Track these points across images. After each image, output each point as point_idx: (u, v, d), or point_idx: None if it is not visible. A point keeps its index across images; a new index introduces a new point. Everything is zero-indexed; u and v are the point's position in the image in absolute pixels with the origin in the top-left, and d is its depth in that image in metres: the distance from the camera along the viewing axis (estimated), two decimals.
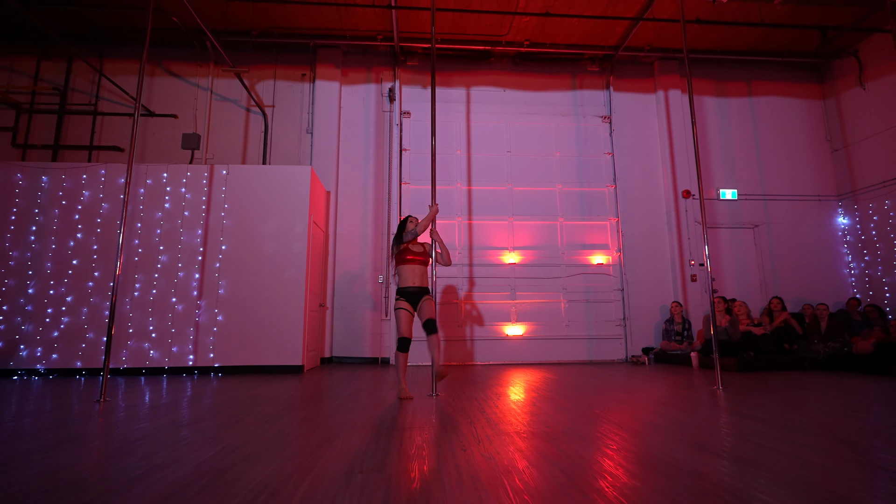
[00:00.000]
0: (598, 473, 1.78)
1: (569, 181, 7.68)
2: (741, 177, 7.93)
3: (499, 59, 7.93)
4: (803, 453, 2.02)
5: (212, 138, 7.30)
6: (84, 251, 5.59)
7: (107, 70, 7.29)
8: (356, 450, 2.13)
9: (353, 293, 7.03)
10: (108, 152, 7.11)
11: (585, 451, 2.10)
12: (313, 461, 1.95)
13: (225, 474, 1.78)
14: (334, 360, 6.84)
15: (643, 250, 7.53)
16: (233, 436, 2.41)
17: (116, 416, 2.94)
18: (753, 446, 2.15)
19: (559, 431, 2.49)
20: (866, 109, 7.61)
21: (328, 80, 7.49)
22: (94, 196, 5.72)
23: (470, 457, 2.02)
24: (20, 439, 2.35)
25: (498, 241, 7.44)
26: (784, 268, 7.68)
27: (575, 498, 1.53)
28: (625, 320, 7.34)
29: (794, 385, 4.28)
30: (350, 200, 7.30)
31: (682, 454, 2.02)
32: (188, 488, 1.63)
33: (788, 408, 3.13)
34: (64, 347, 5.37)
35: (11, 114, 7.02)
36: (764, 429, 2.51)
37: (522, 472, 1.81)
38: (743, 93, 8.21)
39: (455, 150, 7.61)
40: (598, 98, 8.01)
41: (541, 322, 7.27)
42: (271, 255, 5.75)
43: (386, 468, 1.86)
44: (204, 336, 5.52)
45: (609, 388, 4.16)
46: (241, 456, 2.03)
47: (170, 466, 1.88)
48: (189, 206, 5.78)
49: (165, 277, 5.60)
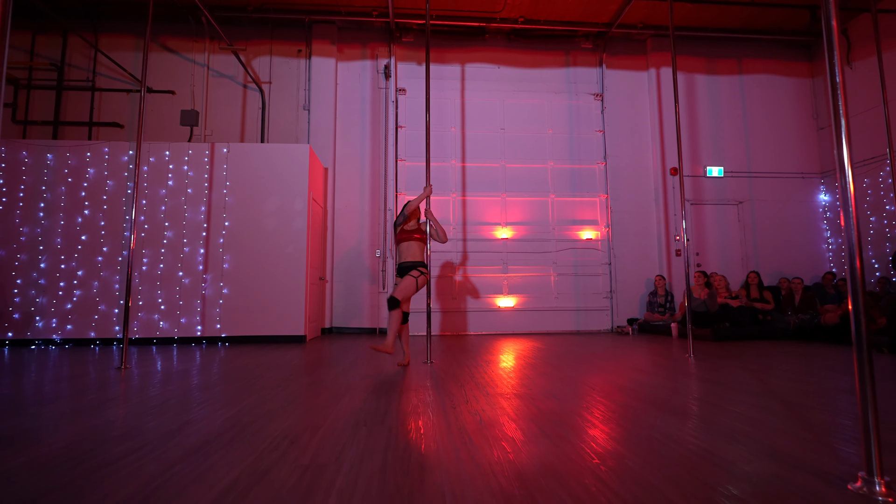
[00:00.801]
0: (566, 425, 2.10)
1: (560, 158, 7.88)
2: (728, 154, 8.15)
3: (493, 36, 7.99)
4: (743, 409, 2.37)
5: (210, 114, 7.41)
6: (92, 227, 5.81)
7: (102, 45, 7.32)
8: (360, 408, 2.45)
9: (352, 267, 7.31)
10: (108, 129, 7.22)
11: (559, 408, 2.43)
12: (323, 417, 2.27)
13: (250, 427, 2.10)
14: (334, 331, 7.19)
15: (631, 226, 7.82)
16: (250, 397, 2.72)
17: (140, 381, 3.25)
18: (703, 404, 2.49)
19: (538, 393, 2.83)
20: (853, 88, 7.77)
21: (324, 57, 7.55)
22: (98, 173, 5.90)
23: (459, 413, 2.35)
24: (64, 399, 2.66)
25: (491, 217, 7.69)
26: (765, 243, 8.01)
27: (542, 443, 1.85)
28: (611, 293, 7.70)
29: (759, 353, 4.66)
30: (347, 177, 7.49)
31: (640, 411, 2.36)
32: (221, 437, 1.94)
33: (746, 373, 3.49)
34: (78, 319, 5.66)
35: (10, 90, 7.08)
36: (718, 390, 2.86)
37: (502, 425, 2.13)
38: (734, 70, 8.33)
39: (450, 127, 7.76)
40: (590, 75, 8.12)
41: (531, 294, 7.62)
42: (273, 230, 5.99)
43: (386, 422, 2.18)
44: (210, 308, 5.81)
45: (591, 357, 4.52)
46: (261, 413, 2.35)
47: (201, 421, 2.19)
48: (192, 183, 5.97)
49: (172, 252, 5.85)
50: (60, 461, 1.66)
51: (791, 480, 1.47)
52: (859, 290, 1.46)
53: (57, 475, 1.53)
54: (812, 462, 1.63)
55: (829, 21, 1.57)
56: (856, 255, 1.47)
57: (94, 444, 1.85)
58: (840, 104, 1.55)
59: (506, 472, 1.55)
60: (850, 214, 1.52)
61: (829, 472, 1.53)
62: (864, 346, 1.43)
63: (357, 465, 1.62)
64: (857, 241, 1.49)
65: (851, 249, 1.48)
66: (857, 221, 1.52)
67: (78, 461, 1.66)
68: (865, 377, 1.40)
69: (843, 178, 1.53)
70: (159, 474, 1.53)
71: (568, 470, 1.57)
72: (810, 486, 1.42)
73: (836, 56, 1.54)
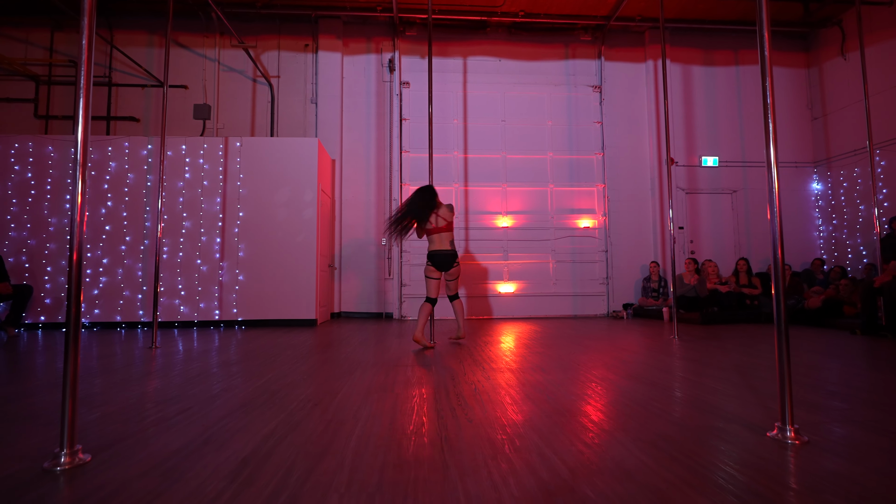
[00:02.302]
0: (549, 393, 2.45)
1: (559, 149, 8.14)
2: (723, 144, 8.37)
3: (494, 30, 8.19)
4: (705, 381, 2.70)
5: (221, 108, 7.70)
6: (115, 218, 6.17)
7: (116, 41, 7.60)
8: (370, 380, 2.80)
9: (359, 254, 7.66)
10: (125, 123, 7.54)
11: (545, 380, 2.77)
12: (339, 386, 2.63)
13: (277, 394, 2.46)
14: (343, 315, 7.57)
15: (627, 214, 8.10)
16: (273, 371, 3.09)
17: (172, 359, 3.62)
18: (672, 377, 2.83)
19: (528, 368, 3.17)
20: (846, 79, 7.95)
21: (330, 51, 7.80)
22: (119, 167, 6.24)
23: (457, 384, 2.70)
24: (110, 372, 3.04)
25: (492, 207, 8.00)
26: (758, 231, 8.28)
27: (526, 405, 2.19)
28: (607, 279, 8.02)
29: (741, 335, 4.98)
30: (354, 168, 7.79)
31: (615, 382, 2.70)
32: (255, 401, 2.30)
33: (720, 351, 3.82)
34: (104, 304, 6.05)
35: (31, 86, 7.39)
36: (688, 365, 3.19)
37: (495, 392, 2.48)
38: (730, 62, 8.51)
39: (452, 120, 8.02)
40: (589, 67, 8.33)
41: (530, 281, 7.95)
42: (284, 220, 6.33)
43: (394, 390, 2.53)
44: (227, 293, 6.19)
45: (583, 338, 4.86)
46: (285, 383, 2.71)
47: (234, 389, 2.56)
48: (207, 175, 6.30)
49: (190, 241, 6.21)
50: (127, 416, 2.03)
51: (723, 429, 1.81)
52: (780, 272, 1.78)
53: (130, 425, 1.89)
54: (746, 418, 1.96)
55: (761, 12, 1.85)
56: (777, 243, 1.78)
57: (151, 405, 2.21)
58: (769, 101, 1.84)
59: (493, 424, 1.90)
60: (774, 208, 1.82)
61: (757, 425, 1.87)
62: (781, 318, 1.75)
63: (370, 420, 1.97)
64: (779, 229, 1.80)
65: (774, 238, 1.79)
66: (780, 213, 1.83)
67: (142, 416, 2.03)
68: (783, 343, 1.73)
69: (769, 175, 1.83)
70: (212, 425, 1.89)
71: (545, 423, 1.91)
72: (737, 433, 1.76)
73: (766, 50, 1.84)
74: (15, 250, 5.99)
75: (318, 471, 1.42)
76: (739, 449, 1.60)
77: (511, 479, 1.36)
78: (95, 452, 1.58)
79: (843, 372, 2.96)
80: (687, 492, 1.27)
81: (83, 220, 1.64)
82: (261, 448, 1.62)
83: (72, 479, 1.37)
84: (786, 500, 1.23)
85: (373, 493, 1.27)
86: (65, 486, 1.33)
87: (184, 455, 1.55)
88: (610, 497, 1.24)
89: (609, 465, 1.46)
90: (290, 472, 1.41)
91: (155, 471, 1.42)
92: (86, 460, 1.49)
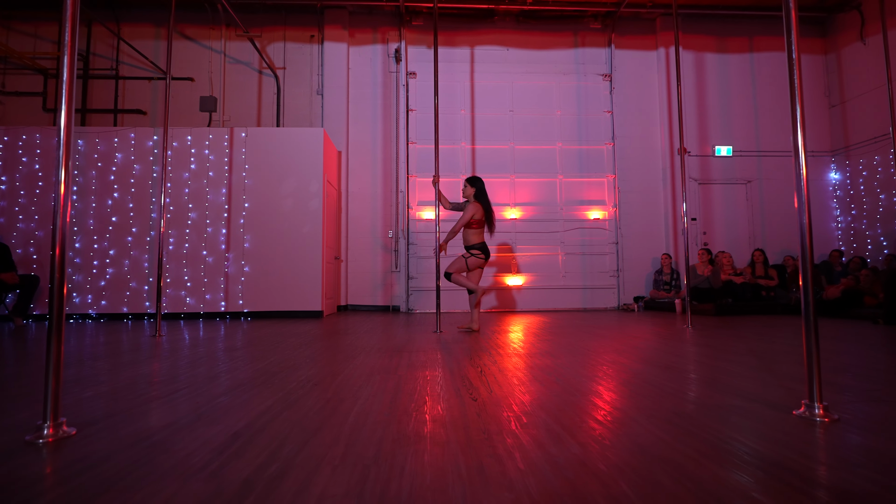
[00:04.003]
0: (558, 375, 2.35)
1: (569, 139, 8.00)
2: (737, 133, 8.17)
3: (502, 18, 8.07)
4: (720, 364, 2.58)
5: (227, 100, 7.68)
6: (121, 209, 6.16)
7: (123, 34, 7.60)
8: (374, 363, 2.73)
9: (366, 247, 7.60)
10: (132, 115, 7.55)
11: (554, 363, 2.67)
12: (341, 369, 2.55)
13: (277, 375, 2.38)
14: (349, 308, 7.51)
15: (638, 205, 7.94)
16: (275, 356, 3.02)
17: (174, 345, 3.58)
18: (686, 361, 2.71)
19: (536, 353, 3.07)
20: (865, 65, 7.71)
21: (336, 42, 7.74)
22: (126, 158, 6.23)
23: (462, 367, 2.61)
24: (112, 356, 2.99)
25: (500, 198, 7.88)
26: (773, 222, 8.07)
27: (534, 386, 2.10)
28: (618, 271, 7.87)
29: (756, 324, 4.83)
30: (360, 160, 7.73)
31: (627, 366, 2.59)
32: (254, 381, 2.23)
33: (736, 339, 3.69)
34: (111, 295, 6.05)
35: (40, 79, 7.42)
36: (703, 351, 3.07)
37: (502, 374, 2.39)
38: (744, 49, 8.30)
39: (459, 110, 7.92)
40: (599, 56, 8.18)
41: (539, 273, 7.83)
42: (290, 211, 6.28)
43: (397, 372, 2.45)
44: (233, 285, 6.16)
45: (593, 328, 4.74)
46: (286, 366, 2.64)
47: (233, 372, 2.49)
48: (213, 166, 6.27)
49: (196, 232, 6.18)
50: (122, 394, 1.97)
51: (744, 408, 1.70)
52: (808, 248, 1.66)
53: (122, 403, 1.83)
54: (768, 398, 1.85)
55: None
56: (806, 228, 1.67)
57: (148, 385, 2.15)
58: (796, 86, 1.73)
59: (500, 403, 1.80)
60: (802, 199, 1.70)
61: (781, 404, 1.75)
62: (809, 291, 1.64)
63: (371, 398, 1.89)
64: (807, 216, 1.69)
65: (802, 223, 1.68)
66: (808, 202, 1.71)
67: (137, 395, 1.96)
68: (810, 319, 1.61)
69: (796, 163, 1.72)
70: (206, 403, 1.82)
71: (554, 402, 1.81)
72: (759, 412, 1.65)
73: (793, 35, 1.72)
74: (23, 241, 6.01)
75: (313, 444, 1.34)
76: (763, 426, 1.49)
77: (517, 452, 1.27)
78: (82, 427, 1.51)
79: (868, 357, 2.82)
80: (705, 464, 1.17)
81: (66, 210, 1.57)
82: (255, 423, 1.54)
83: (54, 450, 1.31)
84: (816, 472, 1.12)
85: (368, 464, 1.19)
86: (47, 457, 1.26)
87: (173, 430, 1.48)
88: (623, 469, 1.15)
89: (622, 440, 1.36)
90: (282, 445, 1.34)
91: (141, 444, 1.35)
92: (70, 433, 1.43)
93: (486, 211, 4.40)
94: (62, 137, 1.55)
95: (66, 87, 1.58)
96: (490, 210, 4.43)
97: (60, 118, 1.57)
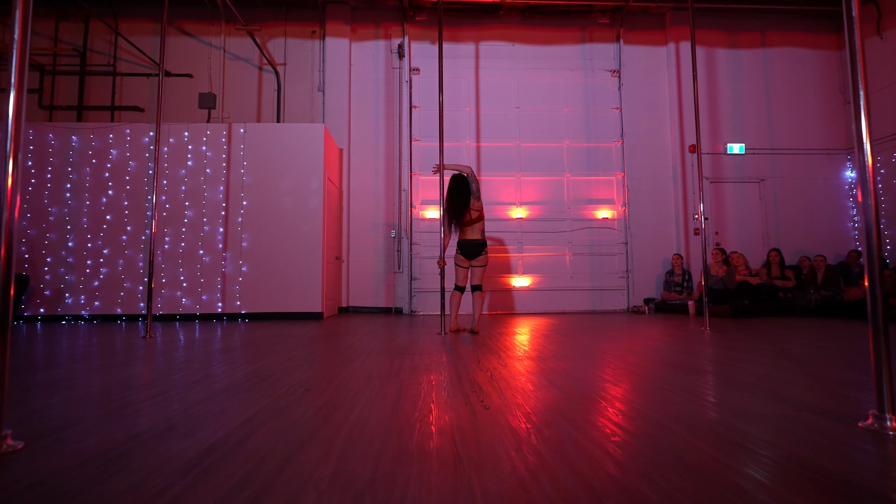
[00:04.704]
0: (576, 379, 2.13)
1: (576, 137, 7.79)
2: (750, 131, 7.94)
3: (508, 13, 7.88)
4: (754, 367, 2.36)
5: (226, 97, 7.51)
6: (116, 207, 5.98)
7: (121, 30, 7.45)
8: (374, 366, 2.51)
9: (368, 247, 7.39)
10: (129, 112, 7.39)
11: (569, 366, 2.45)
12: (339, 372, 2.34)
13: (268, 378, 2.17)
14: (350, 310, 7.30)
15: (648, 204, 7.71)
16: (269, 357, 2.81)
17: (164, 347, 3.37)
18: (715, 363, 2.49)
19: (549, 356, 2.85)
20: (883, 59, 7.48)
21: (338, 37, 7.57)
22: (121, 155, 6.06)
23: (470, 371, 2.39)
24: (94, 358, 2.79)
25: (506, 197, 7.67)
26: (787, 221, 7.82)
27: (551, 391, 1.88)
28: (627, 272, 7.64)
29: (777, 326, 4.59)
30: (362, 158, 7.54)
31: (650, 369, 2.37)
32: (242, 385, 2.02)
33: (760, 340, 3.45)
34: (105, 295, 5.87)
35: (36, 75, 7.28)
36: (731, 353, 2.84)
37: (514, 378, 2.17)
38: (756, 44, 8.08)
39: (464, 107, 7.73)
40: (607, 51, 7.97)
41: (546, 274, 7.60)
42: (289, 210, 6.09)
43: (399, 376, 2.23)
44: (230, 285, 5.96)
45: (605, 329, 4.52)
46: (279, 369, 2.43)
47: (223, 374, 2.28)
48: (210, 163, 6.09)
49: (192, 231, 5.99)
50: (93, 400, 1.76)
51: (797, 419, 1.47)
52: (875, 259, 1.45)
53: (90, 409, 1.62)
54: (820, 406, 1.62)
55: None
56: (873, 226, 1.45)
57: (123, 390, 1.95)
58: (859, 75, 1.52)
59: (514, 412, 1.59)
60: (867, 192, 1.49)
61: (838, 413, 1.53)
62: (876, 290, 1.42)
63: (369, 405, 1.67)
64: (874, 215, 1.47)
65: (868, 221, 1.46)
66: (876, 196, 1.50)
67: (108, 400, 1.76)
68: (878, 320, 1.40)
69: (860, 155, 1.51)
70: (182, 410, 1.61)
71: (575, 410, 1.60)
72: (816, 423, 1.42)
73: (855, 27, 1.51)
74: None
75: (297, 461, 1.13)
76: (827, 440, 1.27)
77: (542, 474, 1.06)
78: (34, 439, 1.31)
79: None
80: (775, 489, 0.95)
81: (14, 206, 1.37)
82: (233, 436, 1.33)
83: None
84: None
85: (362, 490, 0.98)
86: None
87: (138, 442, 1.27)
88: (676, 498, 0.93)
89: (665, 458, 1.14)
90: (261, 462, 1.13)
91: (96, 460, 1.14)
92: (16, 447, 1.22)
93: (451, 221, 4.24)
94: (10, 127, 1.35)
95: (17, 71, 1.38)
96: (450, 208, 4.20)
97: (9, 104, 1.37)
